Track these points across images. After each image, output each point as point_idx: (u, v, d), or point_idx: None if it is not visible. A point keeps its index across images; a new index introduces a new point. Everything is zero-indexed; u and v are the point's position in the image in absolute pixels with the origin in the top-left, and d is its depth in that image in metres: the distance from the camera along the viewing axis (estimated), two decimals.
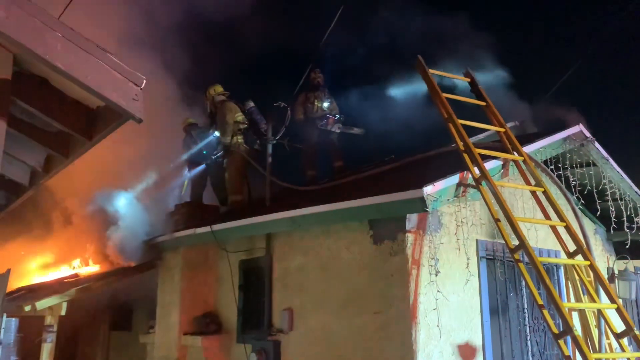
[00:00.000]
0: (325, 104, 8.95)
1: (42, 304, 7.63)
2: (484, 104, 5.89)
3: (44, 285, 9.35)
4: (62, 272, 10.41)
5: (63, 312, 7.82)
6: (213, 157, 9.01)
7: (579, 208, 6.11)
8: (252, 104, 9.08)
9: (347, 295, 5.57)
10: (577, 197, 6.73)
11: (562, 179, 6.27)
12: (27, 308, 7.59)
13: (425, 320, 4.97)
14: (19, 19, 2.61)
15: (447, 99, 5.55)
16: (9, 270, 6.52)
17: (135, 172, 9.00)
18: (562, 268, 6.53)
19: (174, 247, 7.82)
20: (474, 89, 6.04)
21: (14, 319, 7.86)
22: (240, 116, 8.74)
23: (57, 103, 3.40)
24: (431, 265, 5.05)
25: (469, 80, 6.07)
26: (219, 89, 9.11)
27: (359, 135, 9.14)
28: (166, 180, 9.33)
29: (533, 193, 5.45)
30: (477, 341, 5.42)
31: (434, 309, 4.98)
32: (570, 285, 5.98)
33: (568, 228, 4.93)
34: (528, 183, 5.42)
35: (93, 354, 10.90)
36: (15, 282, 9.79)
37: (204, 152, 8.94)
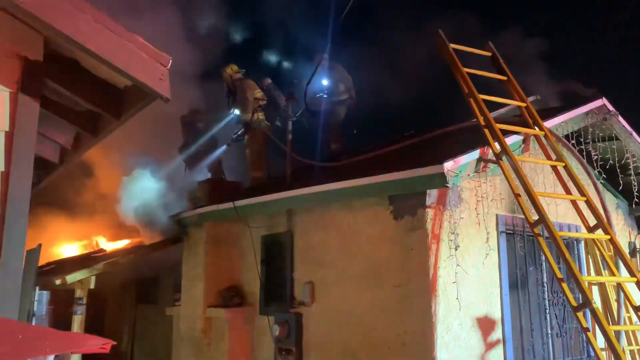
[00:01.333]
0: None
1: (71, 277, 7.89)
2: (505, 78, 5.86)
3: (73, 260, 9.65)
4: (90, 247, 10.72)
5: (92, 286, 8.08)
6: (233, 137, 9.10)
7: (601, 183, 6.09)
8: (269, 80, 9.12)
9: (368, 269, 5.68)
10: (599, 172, 6.70)
11: (584, 153, 6.24)
12: (58, 282, 7.86)
13: (444, 294, 5.06)
14: (50, 3, 2.70)
15: (468, 73, 5.53)
16: (39, 245, 6.76)
17: (161, 149, 9.15)
18: (582, 243, 6.55)
19: (197, 223, 7.99)
20: (495, 63, 6.00)
21: (45, 292, 8.18)
22: (259, 92, 8.78)
23: (86, 83, 3.49)
24: (451, 240, 5.11)
25: (490, 54, 6.03)
26: (235, 67, 9.16)
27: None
28: (191, 157, 9.49)
29: (554, 168, 5.45)
30: (496, 314, 5.50)
31: (454, 283, 5.06)
32: (590, 260, 6.00)
33: (589, 202, 4.94)
34: (549, 158, 5.42)
35: (121, 326, 11.26)
36: (46, 257, 10.13)
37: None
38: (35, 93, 3.08)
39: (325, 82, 8.39)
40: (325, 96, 8.48)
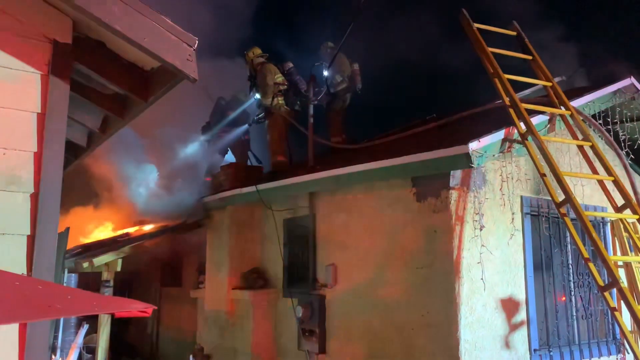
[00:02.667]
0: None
1: (98, 260, 8.05)
2: (530, 57, 5.77)
3: (99, 243, 9.84)
4: (116, 231, 10.91)
5: (118, 268, 8.23)
6: (255, 119, 9.15)
7: (629, 163, 5.98)
8: (291, 64, 9.11)
9: (391, 251, 5.69)
10: (627, 152, 6.57)
11: (611, 133, 6.13)
12: (85, 265, 8.02)
13: (468, 275, 5.05)
14: None
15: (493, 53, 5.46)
16: (67, 229, 6.92)
17: (186, 134, 9.24)
18: (608, 224, 6.46)
19: (221, 207, 8.08)
20: (520, 43, 5.91)
21: (73, 274, 8.39)
22: (280, 77, 8.78)
23: (114, 66, 3.53)
24: (475, 221, 5.09)
25: (515, 33, 5.93)
26: (258, 51, 9.16)
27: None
28: (214, 142, 9.57)
29: (580, 148, 5.37)
30: (520, 296, 5.48)
31: (478, 263, 5.05)
32: (617, 241, 5.93)
33: (616, 182, 4.87)
34: (575, 138, 5.34)
35: None
36: (73, 242, 10.34)
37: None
38: (65, 75, 3.14)
39: (325, 72, 8.45)
40: (323, 89, 8.48)
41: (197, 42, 3.07)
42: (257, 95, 8.99)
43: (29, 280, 2.00)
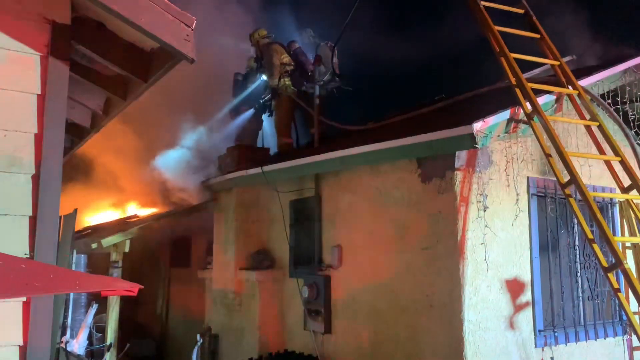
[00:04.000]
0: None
1: (107, 241, 8.14)
2: (538, 36, 5.67)
3: (108, 225, 9.94)
4: (124, 212, 11.01)
5: (127, 249, 8.32)
6: (261, 101, 9.10)
7: (638, 143, 5.90)
8: (297, 44, 9.04)
9: (395, 232, 5.69)
10: (636, 132, 6.48)
11: (620, 113, 6.04)
12: (94, 245, 8.12)
13: (473, 256, 5.04)
14: None
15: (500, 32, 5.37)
16: (75, 210, 6.98)
17: (190, 115, 9.23)
18: (616, 206, 6.40)
19: (227, 188, 8.11)
20: (529, 21, 5.81)
21: (83, 255, 8.49)
22: (286, 57, 8.72)
23: (114, 47, 3.52)
24: (479, 202, 5.07)
25: (522, 11, 5.83)
26: (263, 32, 9.09)
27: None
28: (220, 123, 9.55)
29: (588, 128, 5.30)
30: (525, 277, 5.47)
31: (482, 244, 5.04)
32: (625, 223, 5.87)
33: (624, 163, 4.80)
34: (583, 118, 5.27)
35: (155, 289, 11.63)
36: (82, 223, 10.47)
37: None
38: (65, 56, 3.13)
39: (334, 58, 8.33)
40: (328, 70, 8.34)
41: (195, 22, 3.05)
42: (264, 77, 8.95)
43: (12, 259, 2.02)
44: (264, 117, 9.27)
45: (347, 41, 8.57)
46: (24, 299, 2.77)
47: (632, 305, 4.91)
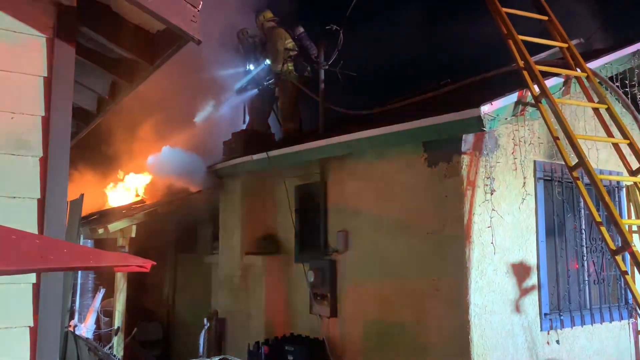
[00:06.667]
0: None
1: (113, 226, 8.19)
2: (546, 18, 5.62)
3: (114, 210, 9.98)
4: (130, 198, 11.04)
5: (133, 234, 8.37)
6: (265, 83, 9.05)
7: None
8: (302, 29, 8.94)
9: (402, 217, 5.69)
10: None
11: (629, 96, 5.99)
12: (101, 231, 8.18)
13: (479, 240, 5.04)
14: None
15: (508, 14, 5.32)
16: (82, 195, 7.01)
17: (195, 100, 9.20)
18: (623, 190, 6.38)
19: (233, 174, 8.11)
20: (536, 3, 5.74)
21: (89, 240, 8.54)
22: (290, 43, 8.65)
23: (120, 29, 3.50)
24: (486, 185, 5.05)
25: None
26: (269, 14, 8.99)
27: None
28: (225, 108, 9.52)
29: (596, 111, 5.26)
30: (532, 260, 5.47)
31: (488, 227, 5.03)
32: (632, 206, 5.86)
33: (632, 146, 4.77)
34: (591, 100, 5.23)
35: (162, 275, 11.69)
36: (88, 208, 10.49)
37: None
38: (71, 39, 3.11)
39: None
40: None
41: (201, 3, 3.02)
42: (267, 61, 8.89)
43: (26, 234, 2.03)
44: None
45: (351, 28, 8.48)
46: (34, 280, 2.79)
47: (639, 287, 4.90)
